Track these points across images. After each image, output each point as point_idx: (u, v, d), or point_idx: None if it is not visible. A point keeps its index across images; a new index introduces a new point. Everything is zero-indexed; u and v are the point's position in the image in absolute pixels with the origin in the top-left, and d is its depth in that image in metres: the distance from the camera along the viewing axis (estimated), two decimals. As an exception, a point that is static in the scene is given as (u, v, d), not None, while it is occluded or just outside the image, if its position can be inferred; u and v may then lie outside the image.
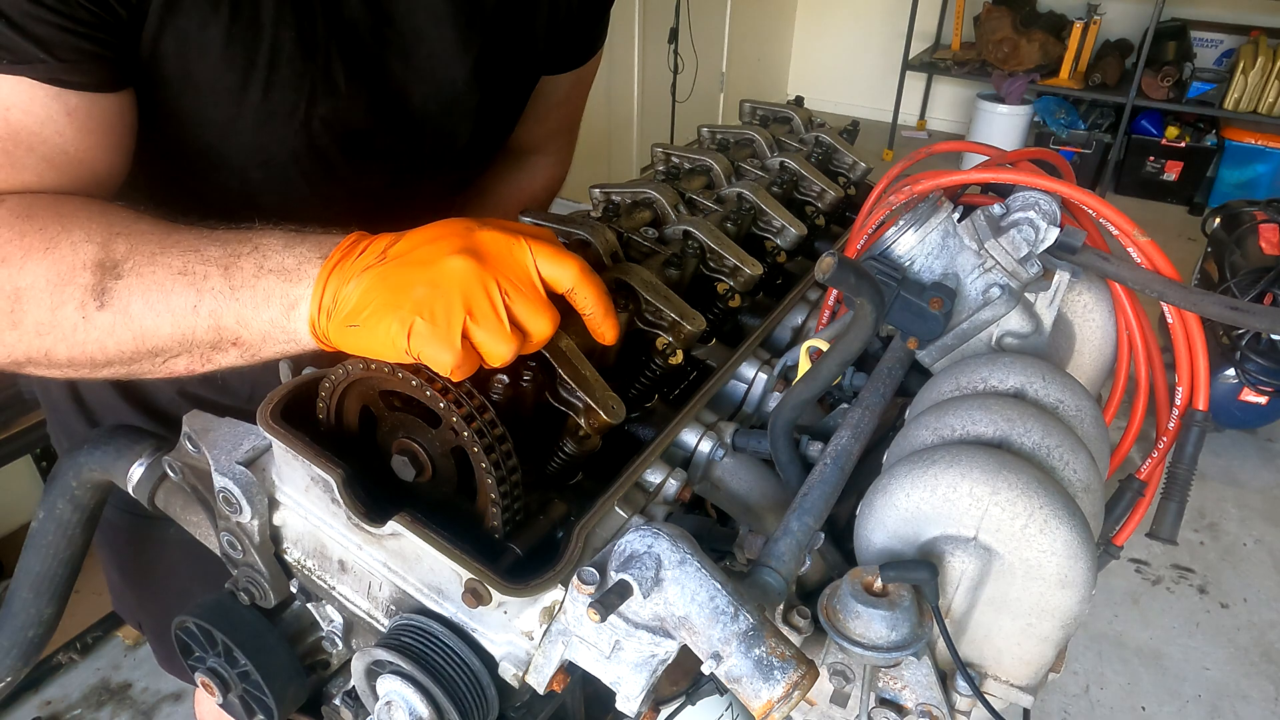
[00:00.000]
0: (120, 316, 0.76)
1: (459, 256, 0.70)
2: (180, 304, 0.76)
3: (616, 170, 4.94)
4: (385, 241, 0.74)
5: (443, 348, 0.68)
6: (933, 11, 6.34)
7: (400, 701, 0.74)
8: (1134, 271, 0.95)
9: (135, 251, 0.77)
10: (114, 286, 0.76)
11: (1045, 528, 0.70)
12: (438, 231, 0.73)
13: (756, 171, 1.26)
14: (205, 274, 0.75)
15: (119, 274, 0.76)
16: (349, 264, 0.73)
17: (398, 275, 0.70)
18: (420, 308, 0.69)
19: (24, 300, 0.76)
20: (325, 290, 0.73)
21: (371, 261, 0.72)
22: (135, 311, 0.76)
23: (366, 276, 0.71)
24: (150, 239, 0.78)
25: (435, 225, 0.74)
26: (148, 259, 0.76)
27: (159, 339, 0.77)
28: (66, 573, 1.04)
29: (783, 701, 0.61)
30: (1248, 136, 5.35)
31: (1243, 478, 3.48)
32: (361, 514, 0.74)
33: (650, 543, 0.65)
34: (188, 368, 0.81)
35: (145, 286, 0.76)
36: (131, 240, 0.77)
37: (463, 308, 0.69)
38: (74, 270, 0.76)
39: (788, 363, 1.04)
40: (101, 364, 0.80)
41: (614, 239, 1.00)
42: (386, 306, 0.69)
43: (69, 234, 0.77)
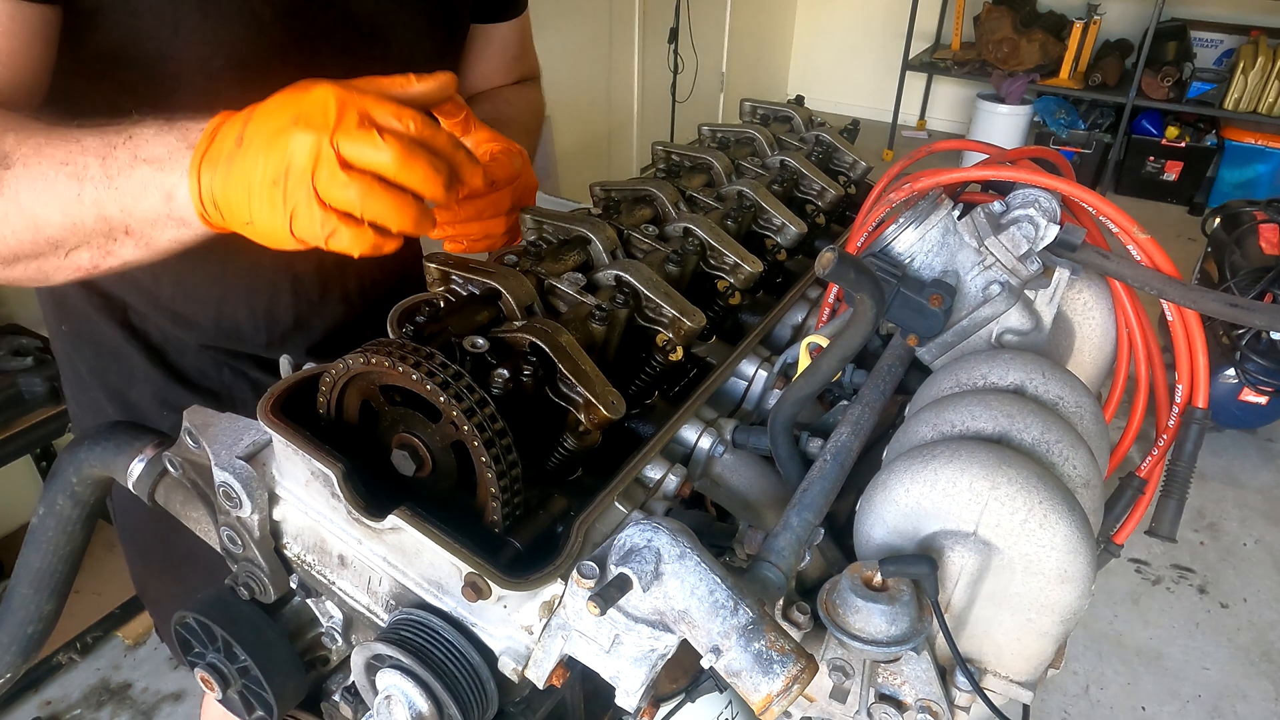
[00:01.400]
0: (12, 205, 0.79)
1: (294, 129, 0.70)
2: (65, 193, 0.78)
3: (617, 169, 4.95)
4: (240, 122, 0.74)
5: (318, 224, 0.70)
6: (933, 11, 6.34)
7: (400, 696, 0.74)
8: (1134, 269, 0.95)
9: (22, 144, 0.79)
10: (3, 176, 0.79)
11: (1045, 523, 0.70)
12: (278, 101, 0.73)
13: (757, 170, 1.26)
14: (85, 164, 0.77)
15: (8, 164, 0.79)
16: (214, 151, 0.74)
17: (252, 163, 0.71)
18: (286, 195, 0.70)
19: None
20: (200, 182, 0.74)
21: (231, 148, 0.73)
22: (24, 200, 0.79)
23: (232, 167, 0.72)
24: (38, 133, 0.80)
25: (279, 93, 0.74)
26: (34, 150, 0.79)
27: (52, 228, 0.80)
28: (66, 569, 1.04)
29: (782, 695, 0.61)
30: (1248, 136, 5.35)
31: (1243, 478, 3.47)
32: (361, 508, 0.75)
33: (650, 537, 0.65)
34: (92, 262, 0.83)
35: (31, 176, 0.78)
36: (20, 134, 0.80)
37: (309, 181, 0.70)
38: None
39: (788, 360, 1.04)
40: (8, 258, 0.83)
41: (614, 236, 1.01)
42: (260, 202, 0.71)
43: None
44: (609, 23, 4.53)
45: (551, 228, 1.03)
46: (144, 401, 1.23)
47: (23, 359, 2.20)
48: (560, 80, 4.10)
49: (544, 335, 0.82)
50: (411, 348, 0.73)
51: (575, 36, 4.23)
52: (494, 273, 0.89)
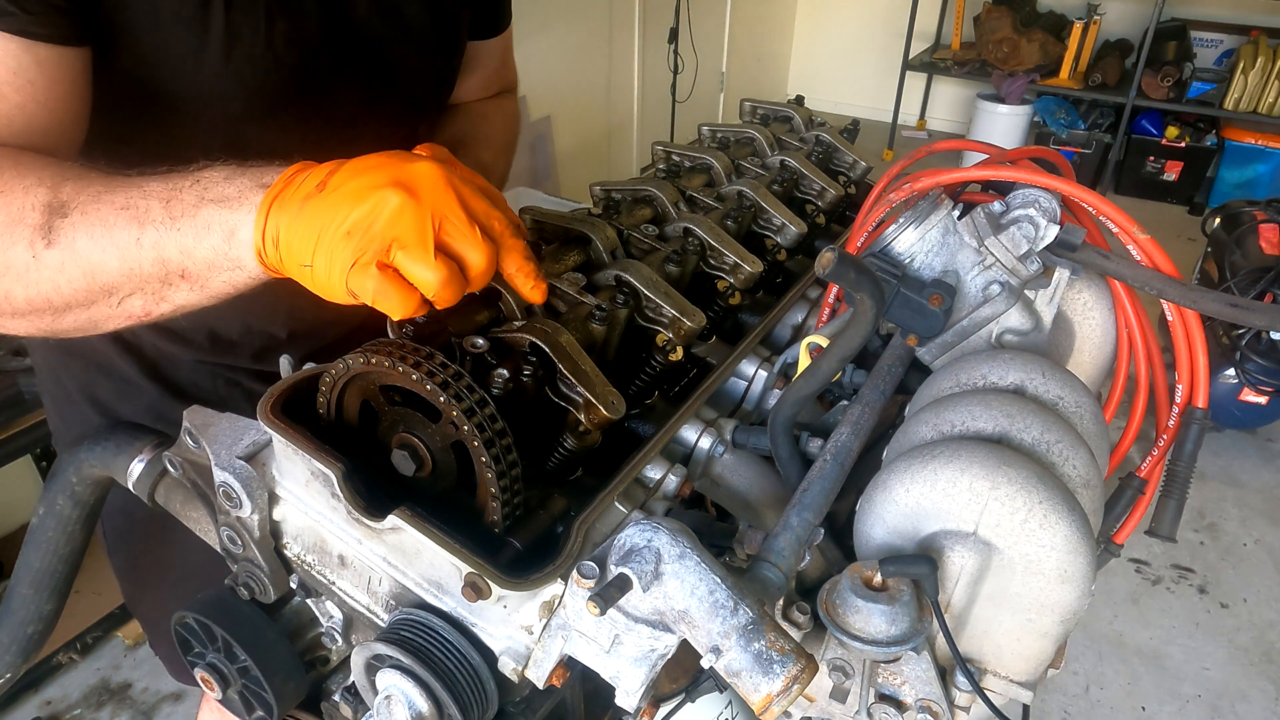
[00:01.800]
0: (68, 253, 0.79)
1: (390, 190, 0.71)
2: (124, 238, 0.78)
3: (617, 169, 4.95)
4: (325, 171, 0.74)
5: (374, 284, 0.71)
6: (933, 11, 6.34)
7: (399, 696, 0.74)
8: (1134, 269, 0.95)
9: (81, 192, 0.79)
10: (60, 225, 0.79)
11: (1045, 523, 0.70)
12: (374, 161, 0.74)
13: (757, 170, 1.26)
14: (147, 208, 0.78)
15: (65, 213, 0.79)
16: (290, 193, 0.74)
17: (332, 209, 0.71)
18: (356, 247, 0.70)
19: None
20: (268, 220, 0.74)
21: (310, 191, 0.73)
22: (81, 247, 0.79)
23: (306, 208, 0.72)
24: (97, 180, 0.80)
25: (374, 155, 0.75)
26: (93, 198, 0.79)
27: (108, 274, 0.79)
28: (66, 569, 1.04)
29: (782, 695, 0.61)
30: (1248, 136, 5.35)
31: (1243, 478, 3.47)
32: (361, 508, 0.75)
33: (650, 537, 0.65)
34: (144, 309, 0.83)
35: (89, 223, 0.78)
36: (79, 183, 0.80)
37: (390, 241, 0.70)
38: (24, 211, 0.79)
39: (788, 360, 1.04)
40: (60, 308, 0.82)
41: (614, 236, 1.01)
42: (326, 248, 0.71)
43: (22, 179, 0.80)
44: (609, 23, 4.53)
45: (551, 227, 1.03)
46: (136, 416, 1.22)
47: (22, 359, 2.20)
48: (560, 80, 4.10)
49: (544, 335, 0.82)
50: (411, 348, 0.73)
51: (575, 36, 4.23)
52: (494, 273, 0.89)
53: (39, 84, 0.87)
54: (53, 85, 0.88)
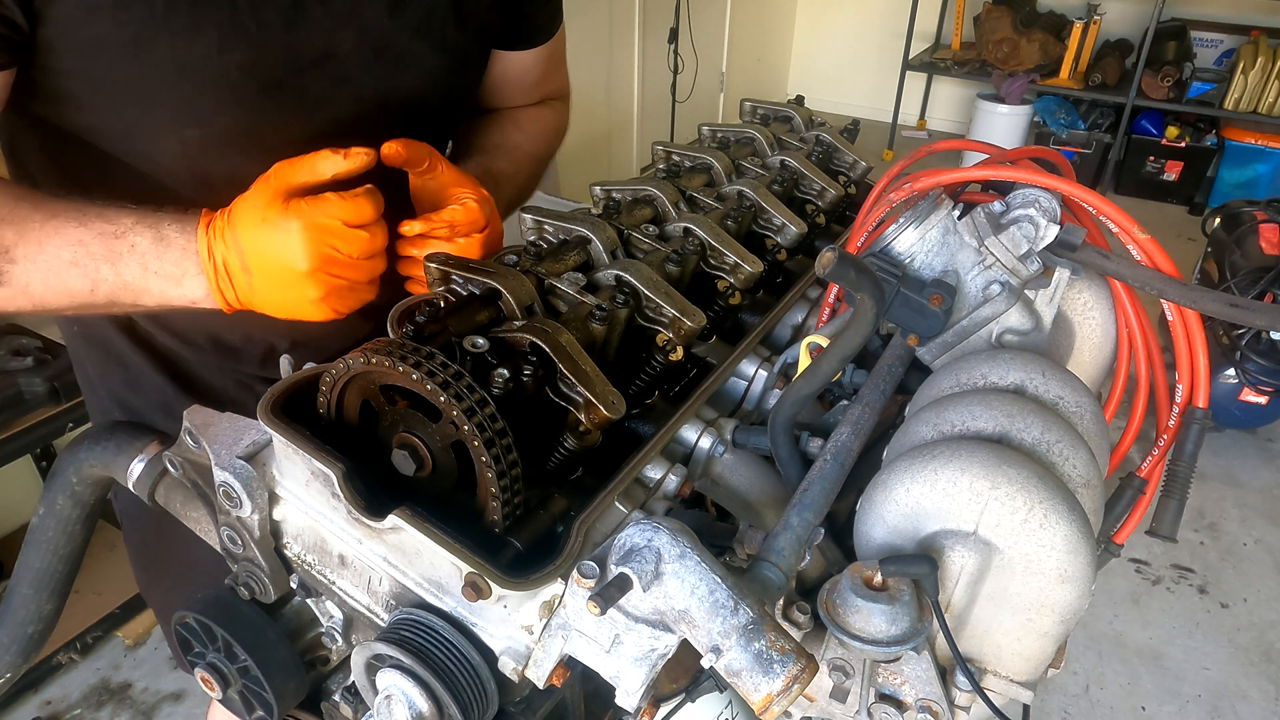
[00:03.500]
0: (19, 293, 0.90)
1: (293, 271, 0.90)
2: (77, 287, 0.90)
3: (617, 169, 4.95)
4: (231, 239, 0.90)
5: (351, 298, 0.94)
6: (933, 11, 6.34)
7: (400, 696, 0.74)
8: (1134, 269, 0.95)
9: (22, 238, 0.88)
10: (9, 270, 0.88)
11: (1045, 522, 0.70)
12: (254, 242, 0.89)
13: (757, 170, 1.26)
14: (96, 268, 0.89)
15: (12, 259, 0.88)
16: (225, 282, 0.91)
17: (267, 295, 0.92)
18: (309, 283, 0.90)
19: None
20: (221, 291, 0.92)
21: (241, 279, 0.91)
22: (35, 291, 0.90)
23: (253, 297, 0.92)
24: (31, 223, 0.89)
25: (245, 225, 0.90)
26: (36, 245, 0.88)
27: (60, 307, 0.92)
28: (66, 569, 1.04)
29: (782, 695, 0.61)
30: (1248, 136, 5.35)
31: (1243, 478, 3.47)
32: (362, 508, 0.75)
33: (650, 536, 0.65)
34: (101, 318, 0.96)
35: (41, 273, 0.89)
36: (16, 227, 0.88)
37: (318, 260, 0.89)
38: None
39: (788, 360, 1.04)
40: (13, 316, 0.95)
41: (614, 236, 1.01)
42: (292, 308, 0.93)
43: None
44: (609, 23, 4.53)
45: (551, 228, 1.03)
46: (148, 408, 1.23)
47: (23, 359, 2.20)
48: (560, 80, 4.09)
49: (544, 335, 0.82)
50: (411, 348, 0.73)
51: (575, 36, 4.20)
52: (494, 272, 0.89)
53: None
54: None
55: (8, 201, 0.89)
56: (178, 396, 1.21)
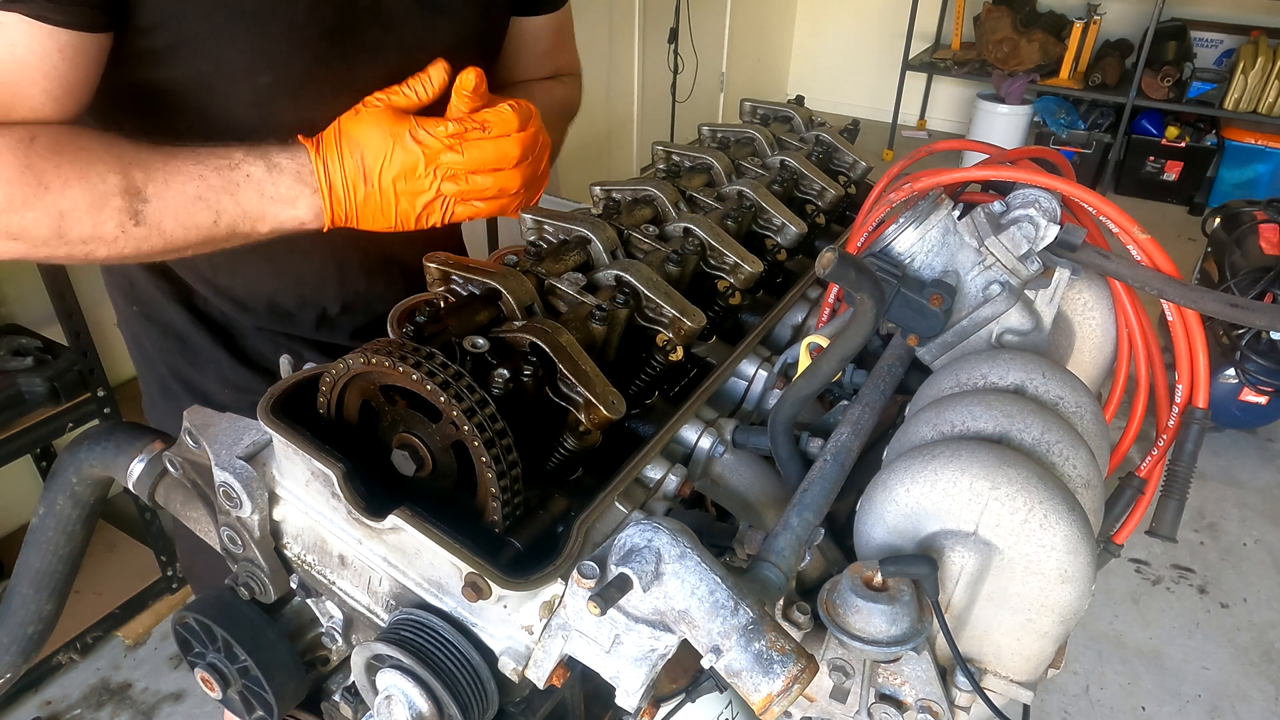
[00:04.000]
0: (154, 230, 0.95)
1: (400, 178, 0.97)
2: (203, 220, 0.96)
3: (617, 169, 4.95)
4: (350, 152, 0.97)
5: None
6: (933, 11, 6.34)
7: (400, 696, 0.74)
8: (1134, 269, 0.95)
9: (151, 179, 0.94)
10: (144, 209, 0.94)
11: (1045, 523, 0.70)
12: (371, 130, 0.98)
13: (757, 170, 1.26)
14: (218, 200, 0.96)
15: (145, 198, 0.94)
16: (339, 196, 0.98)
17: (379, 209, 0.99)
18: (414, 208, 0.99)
19: (68, 220, 0.92)
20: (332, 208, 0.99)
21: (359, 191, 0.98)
22: (167, 227, 0.95)
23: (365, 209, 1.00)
24: (158, 166, 0.95)
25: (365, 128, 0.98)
26: (164, 184, 0.94)
27: (186, 243, 0.98)
28: (66, 569, 1.04)
29: (782, 695, 0.61)
30: (1248, 136, 5.35)
31: (1243, 478, 3.47)
32: (362, 508, 0.75)
33: (650, 537, 0.65)
34: (205, 254, 1.02)
35: (172, 209, 0.95)
36: (146, 169, 0.94)
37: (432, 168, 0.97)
38: (106, 196, 0.92)
39: (788, 360, 1.04)
40: (132, 258, 0.98)
41: (614, 236, 1.01)
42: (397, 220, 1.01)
43: (93, 165, 0.92)
44: (609, 23, 4.53)
45: (551, 228, 1.03)
46: (207, 381, 1.28)
47: (23, 359, 2.20)
48: (560, 80, 4.09)
49: (544, 335, 0.82)
50: (411, 348, 0.73)
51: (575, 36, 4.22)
52: (494, 273, 0.89)
53: (62, 69, 0.91)
54: (72, 69, 0.92)
55: (127, 147, 0.94)
56: (232, 366, 1.28)
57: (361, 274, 1.27)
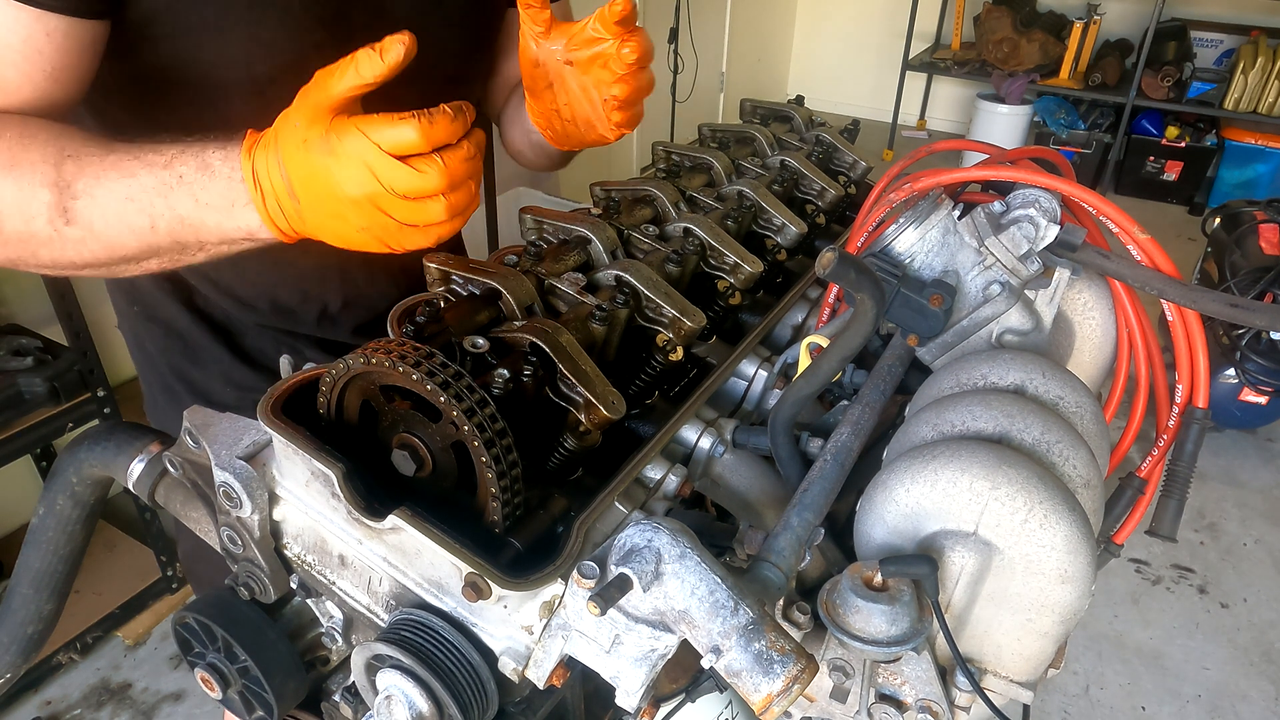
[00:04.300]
0: (87, 232, 0.87)
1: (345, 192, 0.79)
2: (138, 224, 0.86)
3: (617, 169, 4.95)
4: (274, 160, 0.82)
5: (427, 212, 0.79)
6: (933, 11, 6.34)
7: (400, 696, 0.74)
8: (1134, 269, 0.95)
9: (82, 174, 0.85)
10: (73, 206, 0.86)
11: (1045, 523, 0.70)
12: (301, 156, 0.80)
13: (757, 170, 1.26)
14: (150, 203, 0.85)
15: (75, 194, 0.85)
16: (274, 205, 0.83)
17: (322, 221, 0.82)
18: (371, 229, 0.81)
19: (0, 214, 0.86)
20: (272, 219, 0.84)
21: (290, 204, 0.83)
22: (99, 229, 0.87)
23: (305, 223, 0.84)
24: (93, 161, 0.86)
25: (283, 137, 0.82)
26: (94, 180, 0.85)
27: (126, 250, 0.88)
28: (66, 569, 1.04)
29: (782, 695, 0.61)
30: (1248, 136, 5.35)
31: (1243, 478, 3.48)
32: (362, 508, 0.75)
33: (650, 537, 0.65)
34: (160, 267, 0.92)
35: (101, 208, 0.85)
36: (79, 162, 0.86)
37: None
38: (34, 188, 0.85)
39: (788, 360, 1.04)
40: (82, 266, 0.91)
41: (615, 236, 1.01)
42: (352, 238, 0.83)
43: (27, 153, 0.85)
44: None
45: (551, 228, 1.03)
46: (209, 380, 1.28)
47: (23, 359, 2.20)
48: (560, 80, 4.08)
49: (544, 335, 0.82)
50: (411, 347, 0.73)
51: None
52: (494, 273, 0.89)
53: (47, 54, 0.88)
54: (59, 55, 0.89)
55: (74, 140, 0.87)
56: (234, 364, 1.27)
57: (363, 270, 1.27)
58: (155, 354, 1.31)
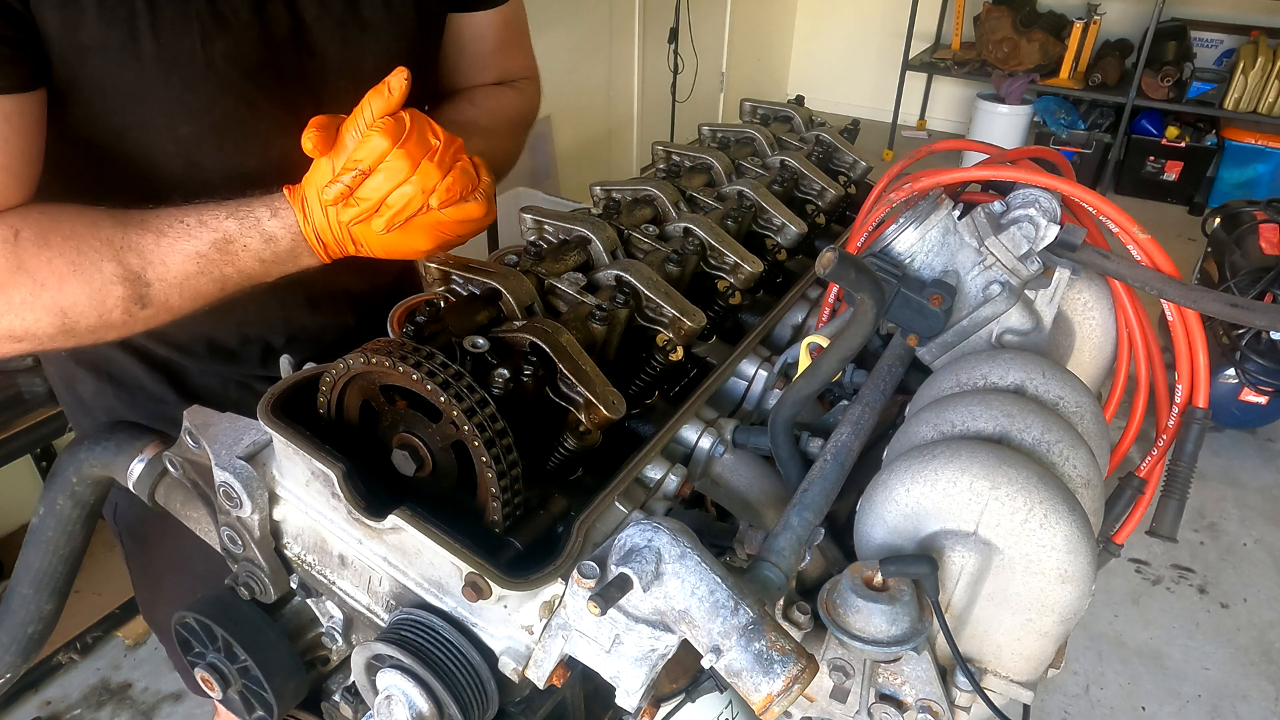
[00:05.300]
0: (161, 310, 0.95)
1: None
2: (209, 291, 0.96)
3: (617, 169, 4.95)
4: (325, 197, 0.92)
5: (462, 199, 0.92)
6: (933, 11, 6.33)
7: (400, 696, 0.74)
8: (1134, 269, 0.95)
9: (147, 263, 0.93)
10: (148, 294, 0.93)
11: (1045, 523, 0.70)
12: None
13: (757, 170, 1.26)
14: (221, 273, 0.95)
15: (147, 283, 0.93)
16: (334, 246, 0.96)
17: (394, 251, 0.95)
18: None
19: (72, 315, 0.91)
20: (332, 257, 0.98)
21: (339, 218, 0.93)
22: (175, 304, 0.95)
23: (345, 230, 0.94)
24: (150, 247, 0.93)
25: None
26: (163, 266, 0.93)
27: (197, 308, 0.98)
28: (66, 569, 1.04)
29: (782, 695, 0.61)
30: (1248, 136, 5.35)
31: (1243, 478, 3.47)
32: (362, 508, 0.75)
33: (650, 537, 0.65)
34: None
35: (177, 288, 0.94)
36: (139, 254, 0.92)
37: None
38: (106, 286, 0.91)
39: (788, 360, 1.04)
40: (142, 332, 0.98)
41: (615, 236, 1.01)
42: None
43: (83, 255, 0.90)
44: (609, 23, 4.53)
45: (551, 228, 1.03)
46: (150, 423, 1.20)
47: (23, 359, 2.20)
48: (560, 80, 4.10)
49: (544, 335, 0.82)
50: (412, 347, 0.73)
51: (575, 36, 4.23)
52: (494, 272, 0.89)
53: (10, 138, 0.88)
54: (19, 137, 0.89)
55: (112, 229, 0.91)
56: (178, 405, 1.18)
57: (305, 306, 1.23)
58: (88, 398, 1.25)
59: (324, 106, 0.97)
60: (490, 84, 1.34)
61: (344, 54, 1.08)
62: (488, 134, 1.23)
